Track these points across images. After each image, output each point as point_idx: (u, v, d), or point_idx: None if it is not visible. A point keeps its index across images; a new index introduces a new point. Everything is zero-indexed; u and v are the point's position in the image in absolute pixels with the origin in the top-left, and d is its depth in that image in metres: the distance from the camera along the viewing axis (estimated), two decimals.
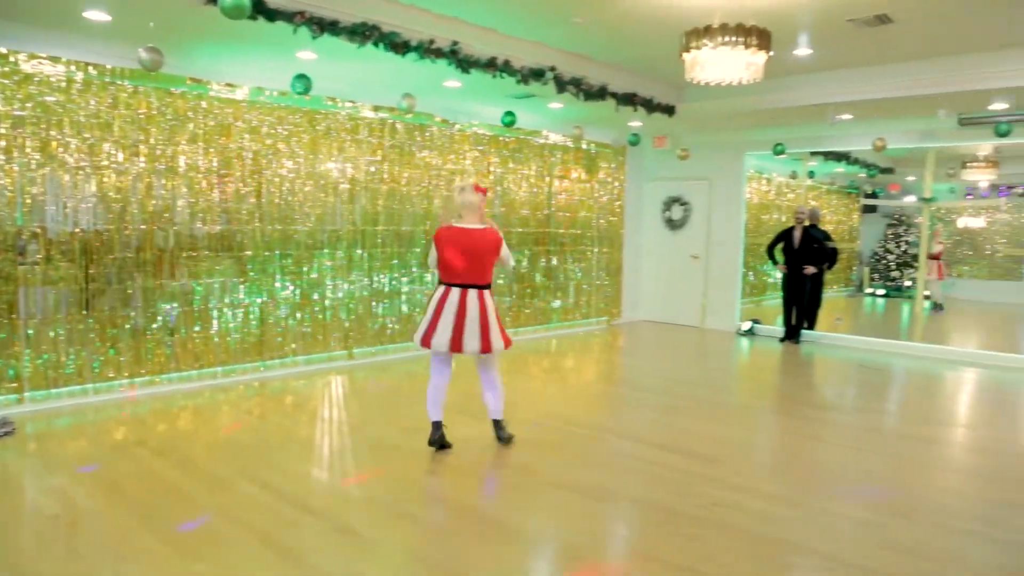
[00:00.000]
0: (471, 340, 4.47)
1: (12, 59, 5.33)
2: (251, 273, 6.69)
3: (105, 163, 5.77)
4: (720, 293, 10.50)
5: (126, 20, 5.09)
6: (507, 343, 4.59)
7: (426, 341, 4.51)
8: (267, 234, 6.76)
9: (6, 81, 5.31)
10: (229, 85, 6.39)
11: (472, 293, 4.52)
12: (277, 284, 6.90)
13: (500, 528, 3.62)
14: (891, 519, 3.80)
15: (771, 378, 7.63)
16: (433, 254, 4.64)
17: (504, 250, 4.63)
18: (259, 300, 6.77)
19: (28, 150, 5.42)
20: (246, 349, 6.72)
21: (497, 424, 4.90)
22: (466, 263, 4.51)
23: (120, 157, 5.84)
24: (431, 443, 4.71)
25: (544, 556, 3.40)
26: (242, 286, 6.65)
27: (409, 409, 5.77)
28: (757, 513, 3.85)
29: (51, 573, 3.15)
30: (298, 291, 7.06)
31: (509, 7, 5.73)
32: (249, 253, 6.66)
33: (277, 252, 6.86)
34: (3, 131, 5.31)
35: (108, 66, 5.72)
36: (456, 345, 4.46)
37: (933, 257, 10.31)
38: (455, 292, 4.51)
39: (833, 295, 11.19)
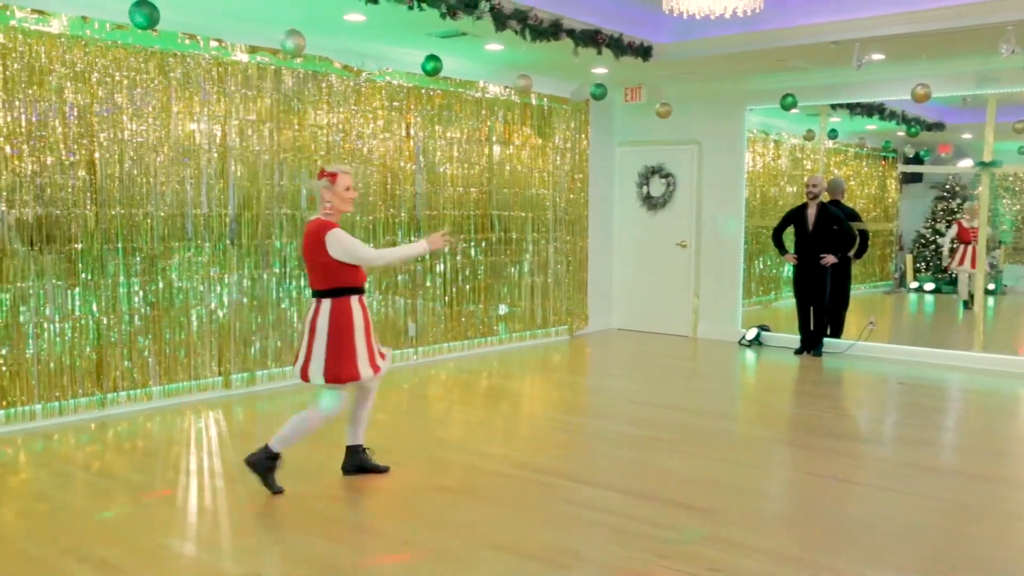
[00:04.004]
0: (298, 362, 4.93)
1: None
2: (83, 275, 6.52)
3: None
4: (716, 292, 10.59)
5: None
6: (333, 377, 4.77)
7: None
8: (105, 221, 6.58)
9: None
10: (39, 13, 6.17)
11: (313, 303, 4.89)
12: (121, 289, 6.74)
13: None
14: None
15: (783, 401, 7.69)
16: None
17: (333, 240, 4.74)
18: (95, 311, 6.58)
19: None
20: (78, 379, 6.53)
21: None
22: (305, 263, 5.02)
23: None
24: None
25: None
26: (71, 292, 6.46)
27: (303, 452, 5.65)
28: None
29: None
30: (150, 298, 6.90)
31: None
32: (80, 247, 6.48)
33: (120, 246, 6.70)
34: None
35: None
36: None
37: (965, 240, 10.55)
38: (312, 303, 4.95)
39: (865, 292, 11.37)
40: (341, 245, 4.73)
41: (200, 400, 7.10)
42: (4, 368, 6.16)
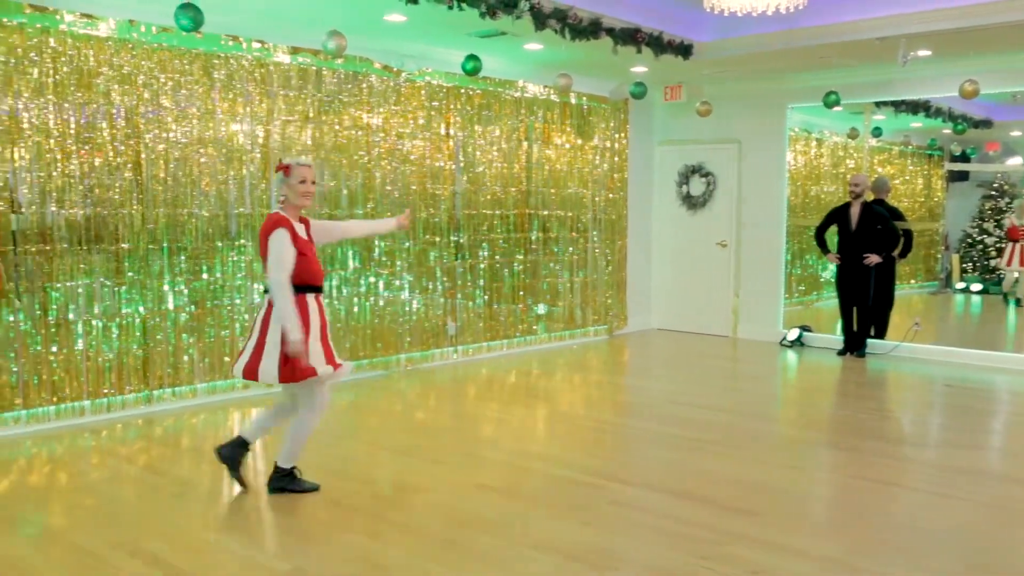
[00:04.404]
0: (240, 359, 4.75)
1: None
2: (129, 273, 6.64)
3: None
4: (757, 292, 10.54)
5: None
6: (288, 376, 4.57)
7: None
8: (150, 221, 6.70)
9: None
10: (88, 16, 6.30)
11: (267, 299, 4.71)
12: (166, 288, 6.85)
13: None
14: None
15: (826, 403, 7.65)
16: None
17: (273, 240, 4.59)
18: (142, 309, 6.70)
19: None
20: (125, 376, 6.66)
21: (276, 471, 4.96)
22: None
23: None
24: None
25: None
26: (117, 291, 6.59)
27: (345, 452, 5.75)
28: None
29: None
30: (195, 297, 7.01)
31: None
32: (126, 246, 6.61)
33: (165, 245, 6.82)
34: None
35: None
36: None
37: (1014, 238, 10.42)
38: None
39: (910, 292, 11.26)
40: (274, 249, 4.56)
41: (243, 398, 7.20)
42: (55, 365, 6.29)
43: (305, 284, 4.67)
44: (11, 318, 6.09)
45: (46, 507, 4.75)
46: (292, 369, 4.54)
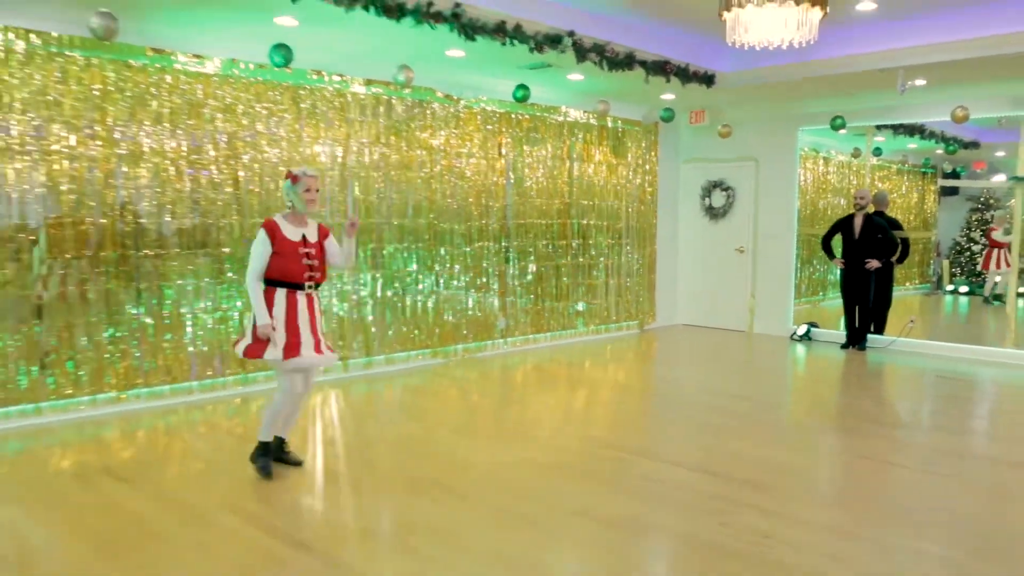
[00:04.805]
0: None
1: None
2: (229, 273, 6.79)
3: (55, 147, 5.85)
4: (770, 292, 10.49)
5: None
6: (247, 353, 4.59)
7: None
8: (246, 229, 6.84)
9: None
10: (197, 57, 6.47)
11: None
12: None
13: (517, 564, 3.65)
14: (973, 558, 3.78)
15: (831, 391, 7.61)
16: None
17: (257, 236, 4.59)
18: (239, 304, 6.86)
19: None
20: (226, 361, 6.82)
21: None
22: None
23: (72, 141, 5.92)
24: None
25: None
26: (219, 288, 6.75)
27: (407, 429, 5.85)
28: (814, 548, 3.84)
29: None
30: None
31: None
32: (227, 250, 6.76)
33: None
34: None
35: (54, 34, 5.78)
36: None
37: (998, 244, 10.31)
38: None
39: (905, 293, 11.13)
40: (252, 248, 4.57)
41: (323, 381, 7.33)
42: (168, 351, 6.48)
43: (275, 279, 4.55)
44: (135, 312, 6.31)
45: (162, 470, 4.90)
46: (250, 348, 4.55)
